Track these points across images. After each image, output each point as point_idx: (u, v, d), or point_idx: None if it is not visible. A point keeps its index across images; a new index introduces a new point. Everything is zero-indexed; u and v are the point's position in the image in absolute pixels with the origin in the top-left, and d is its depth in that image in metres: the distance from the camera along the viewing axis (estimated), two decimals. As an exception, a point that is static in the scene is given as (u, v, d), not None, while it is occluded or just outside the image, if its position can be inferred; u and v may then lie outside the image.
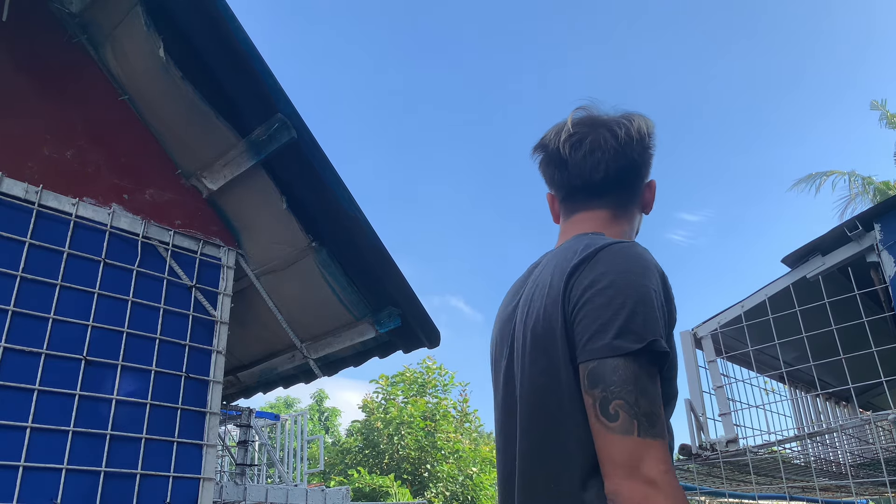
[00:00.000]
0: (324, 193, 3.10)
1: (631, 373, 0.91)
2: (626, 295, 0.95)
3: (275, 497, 4.37)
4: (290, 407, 27.71)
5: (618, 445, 0.89)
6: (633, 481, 0.86)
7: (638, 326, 0.93)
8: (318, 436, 10.73)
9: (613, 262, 1.00)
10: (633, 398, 0.90)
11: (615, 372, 0.91)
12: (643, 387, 0.91)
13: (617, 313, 0.94)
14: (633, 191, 1.21)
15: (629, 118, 1.19)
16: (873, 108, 13.72)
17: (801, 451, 3.85)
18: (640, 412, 0.89)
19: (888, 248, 2.94)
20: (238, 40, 2.70)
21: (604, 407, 0.91)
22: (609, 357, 0.92)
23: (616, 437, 0.89)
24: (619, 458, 0.88)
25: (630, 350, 0.92)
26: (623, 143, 1.16)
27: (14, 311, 2.47)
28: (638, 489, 0.85)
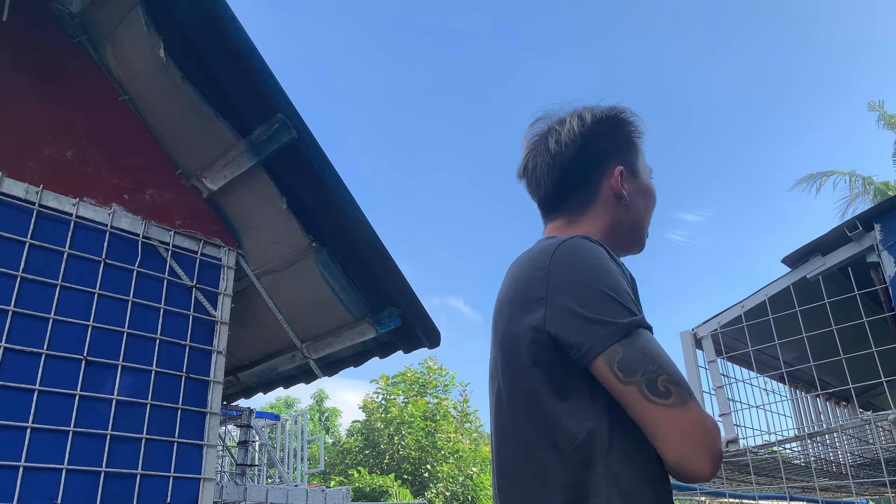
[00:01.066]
0: (324, 194, 3.10)
1: (652, 345, 0.95)
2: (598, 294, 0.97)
3: (275, 497, 4.37)
4: (291, 407, 27.72)
5: (684, 419, 0.92)
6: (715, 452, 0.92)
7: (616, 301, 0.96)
8: (319, 436, 10.73)
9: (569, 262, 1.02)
10: (671, 369, 0.94)
11: (641, 350, 0.94)
12: (661, 354, 0.95)
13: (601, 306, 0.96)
14: (582, 194, 1.20)
15: (562, 122, 1.21)
16: (871, 109, 13.73)
17: (802, 452, 3.84)
18: (683, 382, 0.94)
19: (888, 249, 2.94)
20: (238, 40, 2.70)
21: (653, 388, 0.93)
22: (622, 339, 0.94)
23: (685, 412, 0.92)
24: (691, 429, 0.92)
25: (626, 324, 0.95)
26: (554, 154, 1.19)
27: (14, 311, 2.47)
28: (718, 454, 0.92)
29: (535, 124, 1.25)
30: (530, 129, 1.26)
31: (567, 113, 1.22)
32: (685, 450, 0.91)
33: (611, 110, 1.22)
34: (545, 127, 1.24)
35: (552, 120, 1.23)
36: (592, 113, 1.20)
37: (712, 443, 0.92)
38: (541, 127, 1.25)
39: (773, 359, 3.86)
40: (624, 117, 1.23)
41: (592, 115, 1.20)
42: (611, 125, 1.21)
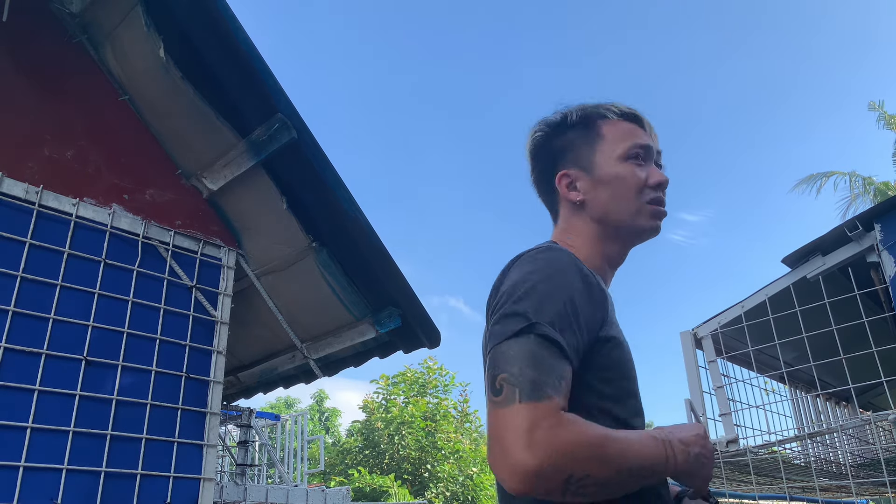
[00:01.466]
0: (324, 194, 3.10)
1: (519, 349, 0.90)
2: (510, 293, 0.97)
3: (275, 497, 4.37)
4: (291, 407, 27.72)
5: (504, 419, 0.85)
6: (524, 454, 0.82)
7: (525, 310, 0.93)
8: (319, 436, 10.73)
9: (518, 268, 1.03)
10: (517, 370, 0.88)
11: (506, 352, 0.91)
12: (533, 359, 0.89)
13: (506, 306, 0.96)
14: (550, 203, 1.25)
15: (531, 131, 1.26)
16: (871, 109, 13.73)
17: (802, 452, 3.85)
18: (524, 381, 0.87)
19: (888, 248, 2.95)
20: (238, 40, 2.70)
21: (493, 387, 0.89)
22: (501, 342, 0.92)
23: (502, 410, 0.86)
24: (504, 431, 0.85)
25: (515, 330, 0.91)
26: (530, 167, 1.27)
27: (14, 311, 2.47)
28: (528, 462, 0.82)
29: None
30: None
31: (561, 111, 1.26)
32: (493, 453, 0.86)
33: (557, 115, 1.23)
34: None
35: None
36: (541, 124, 1.24)
37: (523, 454, 0.82)
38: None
39: (773, 359, 3.86)
40: (570, 119, 1.21)
41: (540, 126, 1.24)
42: (556, 131, 1.22)
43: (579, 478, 0.83)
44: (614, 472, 0.86)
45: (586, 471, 0.84)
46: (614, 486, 0.87)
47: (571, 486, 0.83)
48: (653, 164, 1.20)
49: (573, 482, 0.83)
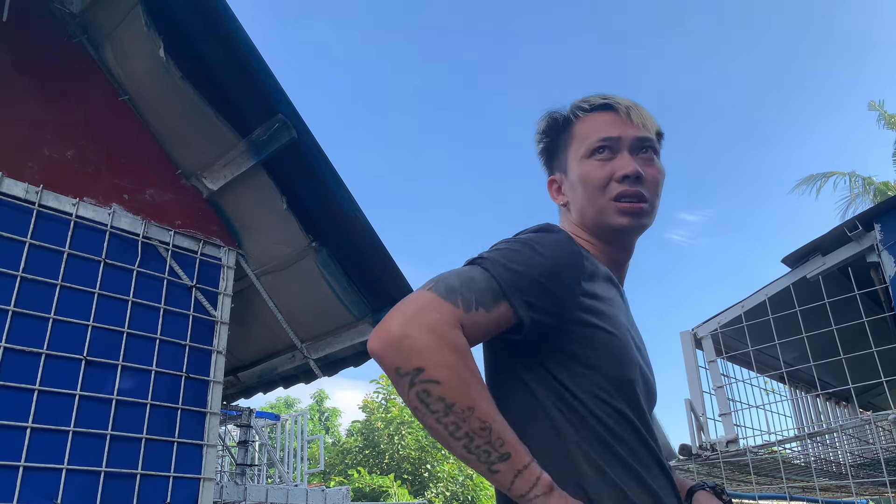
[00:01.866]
0: (324, 193, 3.10)
1: (461, 269, 0.96)
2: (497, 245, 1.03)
3: (275, 497, 4.37)
4: (291, 407, 27.71)
5: (406, 299, 0.90)
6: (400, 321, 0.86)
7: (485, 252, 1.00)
8: (319, 436, 10.73)
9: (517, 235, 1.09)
10: (445, 275, 0.93)
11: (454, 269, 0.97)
12: (462, 275, 0.93)
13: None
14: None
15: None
16: (871, 109, 13.72)
17: (802, 451, 3.85)
18: (442, 282, 0.91)
19: (888, 248, 2.95)
20: (238, 40, 2.70)
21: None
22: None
23: (412, 294, 0.91)
24: (398, 308, 0.88)
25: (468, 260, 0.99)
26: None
27: (14, 311, 2.47)
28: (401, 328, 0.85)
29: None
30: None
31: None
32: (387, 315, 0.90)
33: (542, 121, 1.23)
34: None
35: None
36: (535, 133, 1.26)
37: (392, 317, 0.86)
38: None
39: (773, 359, 3.86)
40: (542, 127, 1.23)
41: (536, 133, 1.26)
42: (541, 138, 1.25)
43: (425, 379, 0.83)
44: (459, 410, 0.84)
45: (435, 378, 0.83)
46: (449, 427, 0.85)
47: (416, 382, 0.83)
48: (625, 154, 1.12)
49: (418, 379, 0.83)
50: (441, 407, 0.84)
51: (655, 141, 1.17)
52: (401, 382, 0.85)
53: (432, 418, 0.84)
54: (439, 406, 0.84)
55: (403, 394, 0.85)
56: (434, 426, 0.85)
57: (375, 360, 0.87)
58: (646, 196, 1.11)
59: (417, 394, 0.84)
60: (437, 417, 0.84)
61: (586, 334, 1.00)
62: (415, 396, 0.84)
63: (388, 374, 0.86)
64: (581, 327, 1.00)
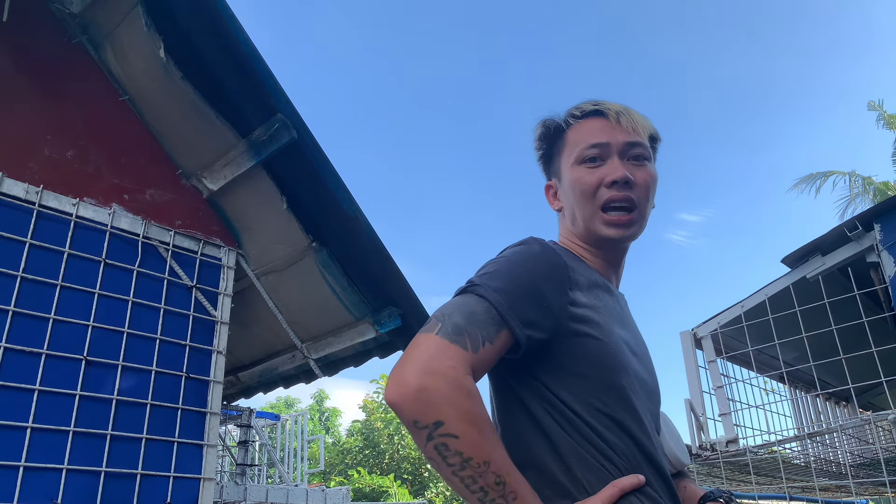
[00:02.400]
0: (324, 194, 3.10)
1: (460, 300, 0.96)
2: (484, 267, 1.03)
3: (275, 497, 4.38)
4: (291, 407, 27.71)
5: (415, 342, 0.89)
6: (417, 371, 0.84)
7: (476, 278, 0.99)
8: (319, 436, 10.73)
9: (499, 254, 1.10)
10: (448, 311, 0.92)
11: (449, 302, 0.97)
12: (466, 309, 0.92)
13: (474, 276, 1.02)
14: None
15: None
16: (871, 109, 13.73)
17: (801, 451, 3.85)
18: (448, 321, 0.90)
19: (888, 248, 2.95)
20: (238, 40, 2.70)
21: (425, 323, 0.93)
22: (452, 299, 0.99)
23: (419, 336, 0.90)
24: (410, 354, 0.87)
25: (459, 290, 0.98)
26: None
27: (14, 311, 2.47)
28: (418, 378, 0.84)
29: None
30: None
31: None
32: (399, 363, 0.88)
33: (538, 128, 1.24)
34: None
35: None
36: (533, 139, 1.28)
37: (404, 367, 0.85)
38: None
39: (772, 359, 3.86)
40: (537, 133, 1.25)
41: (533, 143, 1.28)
42: (538, 145, 1.26)
43: (443, 433, 0.82)
44: (475, 465, 0.84)
45: (454, 433, 0.82)
46: (465, 480, 0.84)
47: (434, 436, 0.83)
48: (615, 160, 1.12)
49: (437, 433, 0.83)
50: (458, 461, 0.84)
51: (647, 145, 1.16)
52: (419, 434, 0.84)
53: (448, 470, 0.84)
54: (456, 460, 0.84)
55: (420, 445, 0.86)
56: (450, 477, 0.85)
57: (393, 410, 0.87)
58: (635, 202, 1.11)
59: (435, 446, 0.84)
60: (454, 470, 0.84)
61: (576, 343, 1.00)
62: (432, 449, 0.84)
63: (405, 424, 0.86)
64: (571, 337, 1.00)
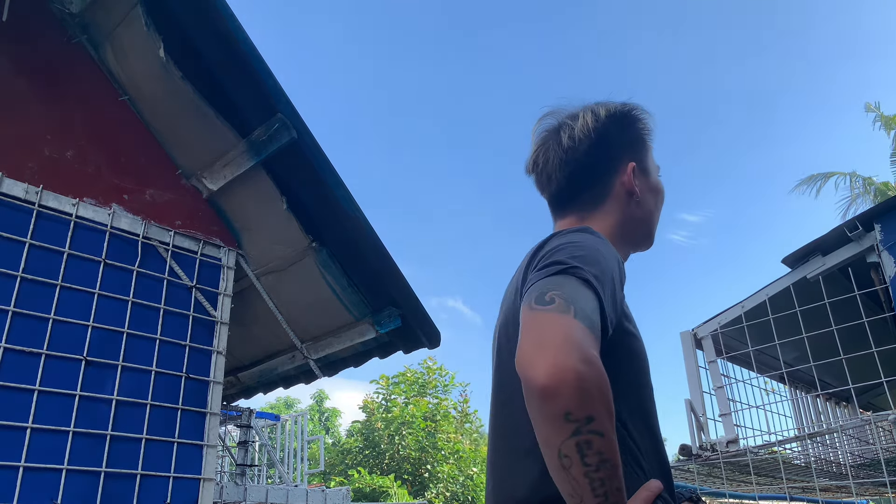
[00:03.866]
0: (324, 194, 3.09)
1: (569, 282, 0.87)
2: (560, 248, 0.96)
3: (275, 497, 4.37)
4: (291, 407, 27.71)
5: (555, 320, 0.80)
6: (573, 356, 0.76)
7: (570, 258, 0.92)
8: (319, 436, 10.73)
9: (555, 240, 1.01)
10: (571, 294, 0.84)
11: (554, 280, 0.88)
12: (582, 294, 0.85)
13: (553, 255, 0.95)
14: (595, 189, 1.19)
15: (574, 117, 1.19)
16: (868, 111, 13.72)
17: (802, 452, 3.84)
18: (578, 305, 0.82)
19: (888, 249, 2.95)
20: (238, 40, 2.70)
21: (540, 298, 0.84)
22: (547, 276, 0.90)
23: (553, 314, 0.81)
24: (557, 333, 0.78)
25: (559, 269, 0.89)
26: (566, 148, 1.17)
27: (14, 311, 2.47)
28: (577, 364, 0.75)
29: (544, 119, 1.24)
30: (539, 124, 1.24)
31: (578, 109, 1.21)
32: (530, 345, 0.79)
33: (623, 106, 1.20)
34: (555, 122, 1.22)
35: (562, 115, 1.22)
36: (606, 108, 1.19)
37: (557, 349, 0.76)
38: (550, 122, 1.23)
39: (773, 359, 3.86)
40: (636, 114, 1.21)
41: (606, 110, 1.18)
42: (623, 122, 1.20)
43: (593, 430, 0.75)
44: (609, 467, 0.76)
45: (601, 430, 0.75)
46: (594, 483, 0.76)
47: (582, 431, 0.74)
48: None
49: (586, 428, 0.74)
50: (596, 461, 0.75)
51: None
52: (563, 428, 0.75)
53: (582, 470, 0.75)
54: (594, 460, 0.75)
55: (558, 439, 0.75)
56: (578, 478, 0.76)
57: (538, 397, 0.75)
58: None
59: (578, 443, 0.74)
60: (587, 471, 0.75)
61: (624, 342, 0.99)
62: (573, 445, 0.74)
63: (547, 414, 0.75)
64: (621, 335, 0.98)
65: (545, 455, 0.78)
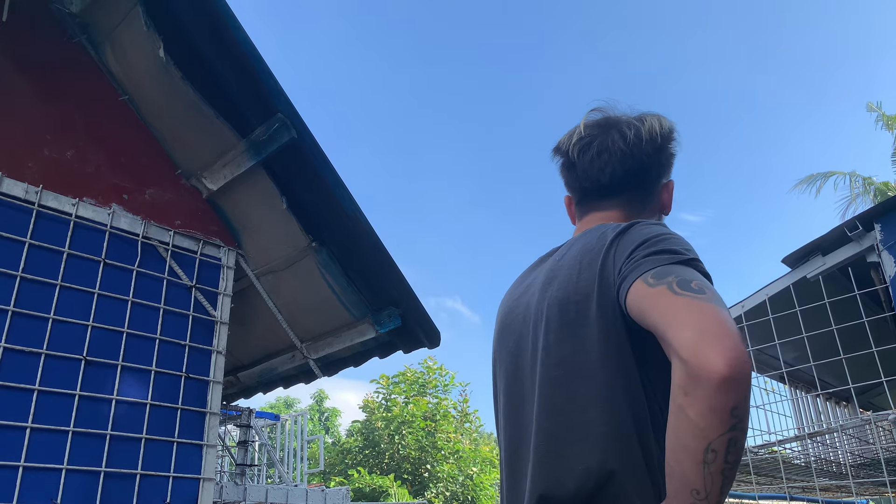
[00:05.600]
0: (324, 194, 3.09)
1: (698, 274, 0.89)
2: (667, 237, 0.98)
3: (275, 497, 4.37)
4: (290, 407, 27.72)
5: (716, 311, 0.79)
6: (743, 350, 0.75)
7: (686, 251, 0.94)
8: (319, 436, 10.73)
9: (650, 227, 1.02)
10: (708, 287, 0.85)
11: (683, 269, 0.88)
12: (708, 284, 0.87)
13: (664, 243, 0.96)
14: (644, 192, 1.22)
15: (642, 119, 1.20)
16: (869, 110, 13.73)
17: (802, 451, 3.84)
18: (717, 297, 0.83)
19: (888, 249, 2.94)
20: (238, 40, 2.70)
21: (684, 283, 0.84)
22: (674, 263, 0.91)
23: (710, 305, 0.80)
24: (712, 317, 0.78)
25: (683, 259, 0.91)
26: (632, 144, 1.17)
27: (14, 311, 2.47)
28: (740, 355, 0.74)
29: (594, 112, 1.25)
30: (590, 113, 1.25)
31: (636, 113, 1.23)
32: (698, 331, 0.77)
33: (671, 125, 1.23)
34: (612, 116, 1.23)
35: (614, 112, 1.23)
36: (667, 122, 1.22)
37: (732, 339, 0.75)
38: (598, 116, 1.24)
39: (773, 359, 3.86)
40: (675, 136, 1.24)
41: (668, 123, 1.22)
42: (672, 139, 1.23)
43: (743, 428, 0.74)
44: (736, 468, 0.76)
45: (744, 428, 0.75)
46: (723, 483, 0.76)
47: (738, 427, 0.73)
48: None
49: (741, 425, 0.74)
50: (734, 459, 0.74)
51: None
52: (725, 422, 0.73)
53: (720, 467, 0.74)
54: (734, 458, 0.74)
55: (714, 432, 0.74)
56: (715, 475, 0.74)
57: (710, 386, 0.73)
58: None
59: (731, 439, 0.73)
60: (725, 468, 0.74)
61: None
62: (726, 441, 0.73)
63: (715, 405, 0.73)
64: None
65: (684, 449, 0.76)
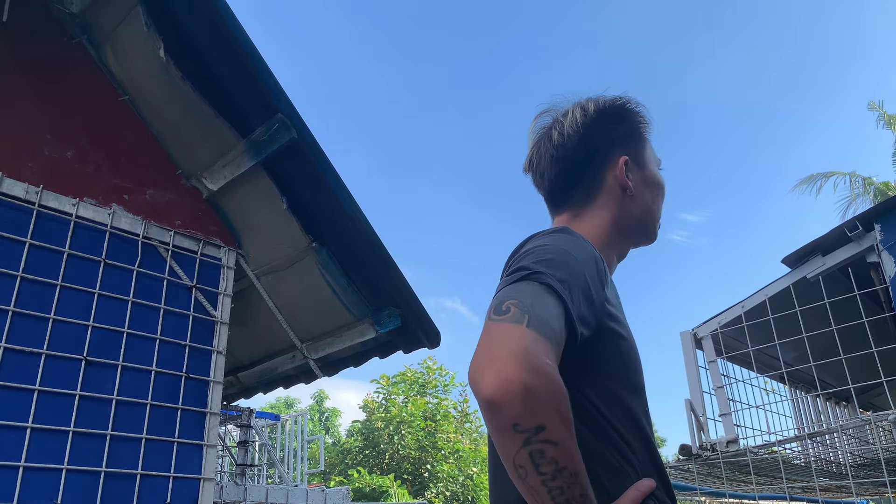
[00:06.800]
0: (324, 194, 3.09)
1: (530, 288, 0.87)
2: (527, 253, 0.96)
3: (275, 497, 4.38)
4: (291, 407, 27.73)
5: (506, 331, 0.80)
6: (520, 367, 0.76)
7: (535, 264, 0.91)
8: (319, 436, 10.73)
9: (529, 242, 1.01)
10: (528, 301, 0.84)
11: (515, 288, 0.88)
12: (542, 301, 0.85)
13: (518, 261, 0.94)
14: (587, 185, 1.17)
15: (565, 113, 1.19)
16: (871, 110, 13.74)
17: (802, 452, 3.84)
18: (534, 313, 0.82)
19: (888, 249, 2.94)
20: (238, 40, 2.70)
21: (497, 308, 0.84)
22: (509, 284, 0.90)
23: (506, 324, 0.81)
24: (506, 345, 0.78)
25: (522, 276, 0.89)
26: (557, 144, 1.18)
27: (14, 311, 2.47)
28: (523, 376, 0.75)
29: (540, 117, 1.24)
30: (535, 121, 1.24)
31: (570, 105, 1.21)
32: (480, 357, 0.79)
33: (615, 100, 1.20)
34: (550, 119, 1.22)
35: (557, 112, 1.22)
36: (596, 103, 1.18)
37: (505, 361, 0.76)
38: (546, 120, 1.23)
39: (773, 359, 3.86)
40: (629, 107, 1.20)
41: (596, 105, 1.18)
42: (615, 115, 1.19)
43: (544, 439, 0.76)
44: (567, 475, 0.77)
45: (554, 439, 0.76)
46: (553, 491, 0.77)
47: (533, 441, 0.76)
48: None
49: (536, 438, 0.76)
50: (551, 470, 0.77)
51: None
52: (513, 439, 0.76)
53: (538, 479, 0.77)
54: (549, 469, 0.77)
55: (511, 449, 0.77)
56: (535, 487, 0.78)
57: (486, 409, 0.77)
58: None
59: (531, 453, 0.76)
60: (544, 479, 0.77)
61: (609, 342, 0.98)
62: (526, 455, 0.76)
63: (497, 426, 0.77)
64: (605, 335, 0.97)
65: (505, 465, 0.80)
